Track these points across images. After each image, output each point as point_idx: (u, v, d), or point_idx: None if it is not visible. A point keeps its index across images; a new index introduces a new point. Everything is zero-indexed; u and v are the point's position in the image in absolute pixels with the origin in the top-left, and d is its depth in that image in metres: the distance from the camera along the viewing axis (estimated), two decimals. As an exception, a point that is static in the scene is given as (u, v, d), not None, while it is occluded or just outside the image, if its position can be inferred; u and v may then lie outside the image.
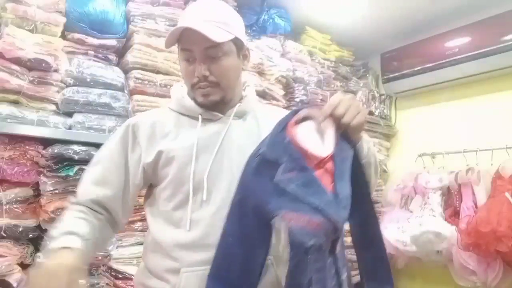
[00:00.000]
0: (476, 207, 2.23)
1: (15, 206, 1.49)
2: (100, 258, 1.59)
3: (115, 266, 1.66)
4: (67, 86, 1.65)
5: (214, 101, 1.05)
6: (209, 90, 1.04)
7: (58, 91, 1.62)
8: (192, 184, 1.00)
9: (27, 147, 1.53)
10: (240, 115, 1.10)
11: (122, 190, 1.06)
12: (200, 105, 1.07)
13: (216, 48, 1.00)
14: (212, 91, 1.04)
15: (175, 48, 2.09)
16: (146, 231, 1.20)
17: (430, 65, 2.58)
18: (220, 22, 1.01)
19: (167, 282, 0.98)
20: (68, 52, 1.70)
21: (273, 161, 0.84)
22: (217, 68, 1.02)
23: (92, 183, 1.05)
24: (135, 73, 1.81)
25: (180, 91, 1.13)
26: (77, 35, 1.72)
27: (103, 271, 1.64)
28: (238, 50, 1.07)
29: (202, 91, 1.04)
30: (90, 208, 1.02)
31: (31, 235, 1.52)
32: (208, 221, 0.98)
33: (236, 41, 1.05)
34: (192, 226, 0.99)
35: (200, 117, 1.07)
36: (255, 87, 2.15)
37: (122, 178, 1.05)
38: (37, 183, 1.56)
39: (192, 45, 1.01)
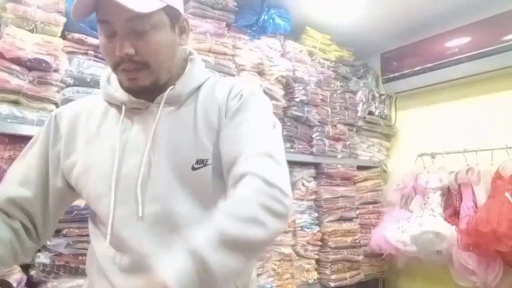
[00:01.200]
0: (476, 207, 2.23)
1: (15, 206, 1.49)
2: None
3: (115, 266, 1.66)
4: (67, 86, 1.65)
5: (143, 86, 0.85)
6: (136, 73, 0.83)
7: (58, 91, 1.62)
8: (114, 195, 0.82)
9: (27, 147, 1.53)
10: (174, 101, 0.88)
11: (42, 193, 0.91)
12: (127, 91, 0.87)
13: (142, 19, 0.79)
14: (140, 74, 0.83)
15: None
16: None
17: (430, 65, 2.58)
18: None
19: None
20: (68, 52, 1.70)
21: None
22: (144, 45, 0.81)
23: (12, 180, 0.91)
24: (135, 73, 1.81)
25: (107, 72, 0.94)
26: (77, 35, 1.72)
27: (103, 271, 1.63)
28: (173, 22, 0.86)
29: (128, 75, 0.83)
30: (4, 212, 0.88)
31: (31, 235, 1.52)
32: (142, 241, 0.82)
33: (170, 11, 0.84)
34: (122, 247, 0.83)
35: (123, 107, 0.88)
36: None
37: (43, 178, 0.91)
38: (37, 183, 1.56)
39: (110, 16, 0.79)
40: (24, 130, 1.50)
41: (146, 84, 0.85)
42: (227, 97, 0.88)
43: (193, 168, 0.84)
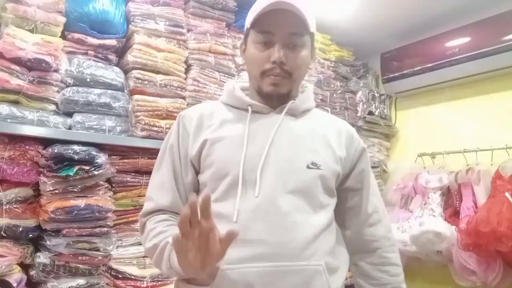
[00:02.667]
0: (476, 207, 2.23)
1: (15, 206, 1.48)
2: (100, 258, 1.58)
3: (115, 266, 1.66)
4: (67, 86, 1.65)
5: (282, 93, 1.00)
6: (281, 80, 0.98)
7: (58, 91, 1.62)
8: (242, 175, 0.94)
9: (27, 147, 1.53)
10: (291, 113, 1.04)
11: (178, 193, 1.02)
12: (265, 95, 1.01)
13: (299, 36, 0.97)
14: (283, 81, 0.98)
15: (175, 48, 2.08)
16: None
17: (430, 65, 2.58)
18: (307, 13, 0.96)
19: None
20: (68, 52, 1.70)
21: None
22: (294, 57, 0.97)
23: (157, 190, 1.03)
24: (135, 73, 1.81)
25: (232, 83, 1.10)
26: (77, 35, 1.72)
27: (103, 271, 1.63)
28: (312, 47, 1.04)
29: (273, 79, 0.98)
30: (167, 215, 1.00)
31: (31, 235, 1.52)
32: (249, 215, 0.93)
33: (311, 37, 1.03)
34: (231, 220, 0.94)
35: (250, 108, 1.03)
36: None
37: (175, 181, 1.02)
38: (37, 183, 1.55)
39: (275, 28, 0.96)
40: (24, 130, 1.50)
41: (284, 92, 1.00)
42: (350, 138, 1.09)
43: (308, 167, 0.98)
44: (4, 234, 1.45)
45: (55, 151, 1.53)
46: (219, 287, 0.90)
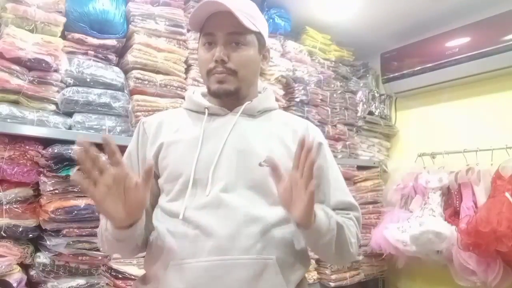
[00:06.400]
0: (476, 207, 2.23)
1: (15, 206, 1.48)
2: (100, 258, 1.59)
3: (115, 266, 1.66)
4: (67, 86, 1.65)
5: (228, 90, 1.01)
6: (225, 77, 1.00)
7: (58, 91, 1.62)
8: (194, 174, 0.96)
9: (27, 147, 1.53)
10: (249, 113, 1.06)
11: None
12: (213, 94, 1.03)
13: (240, 35, 1.00)
14: (228, 78, 1.00)
15: (175, 48, 2.08)
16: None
17: (430, 65, 2.58)
18: (247, 14, 1.00)
19: (158, 282, 0.94)
20: (68, 52, 1.70)
21: None
22: (237, 56, 1.00)
23: None
24: (135, 73, 1.81)
25: (193, 89, 1.14)
26: (77, 35, 1.72)
27: (103, 271, 1.64)
28: (260, 47, 1.06)
29: (218, 77, 1.00)
30: None
31: (31, 235, 1.52)
32: (198, 212, 0.94)
33: (260, 38, 1.05)
34: (184, 217, 0.95)
35: (206, 111, 1.05)
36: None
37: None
38: (37, 183, 1.55)
39: (215, 29, 1.00)
40: (24, 130, 1.50)
41: (231, 89, 1.01)
42: (306, 133, 1.08)
43: (260, 165, 0.98)
44: (4, 234, 1.45)
45: (55, 151, 1.53)
46: (167, 283, 0.91)
